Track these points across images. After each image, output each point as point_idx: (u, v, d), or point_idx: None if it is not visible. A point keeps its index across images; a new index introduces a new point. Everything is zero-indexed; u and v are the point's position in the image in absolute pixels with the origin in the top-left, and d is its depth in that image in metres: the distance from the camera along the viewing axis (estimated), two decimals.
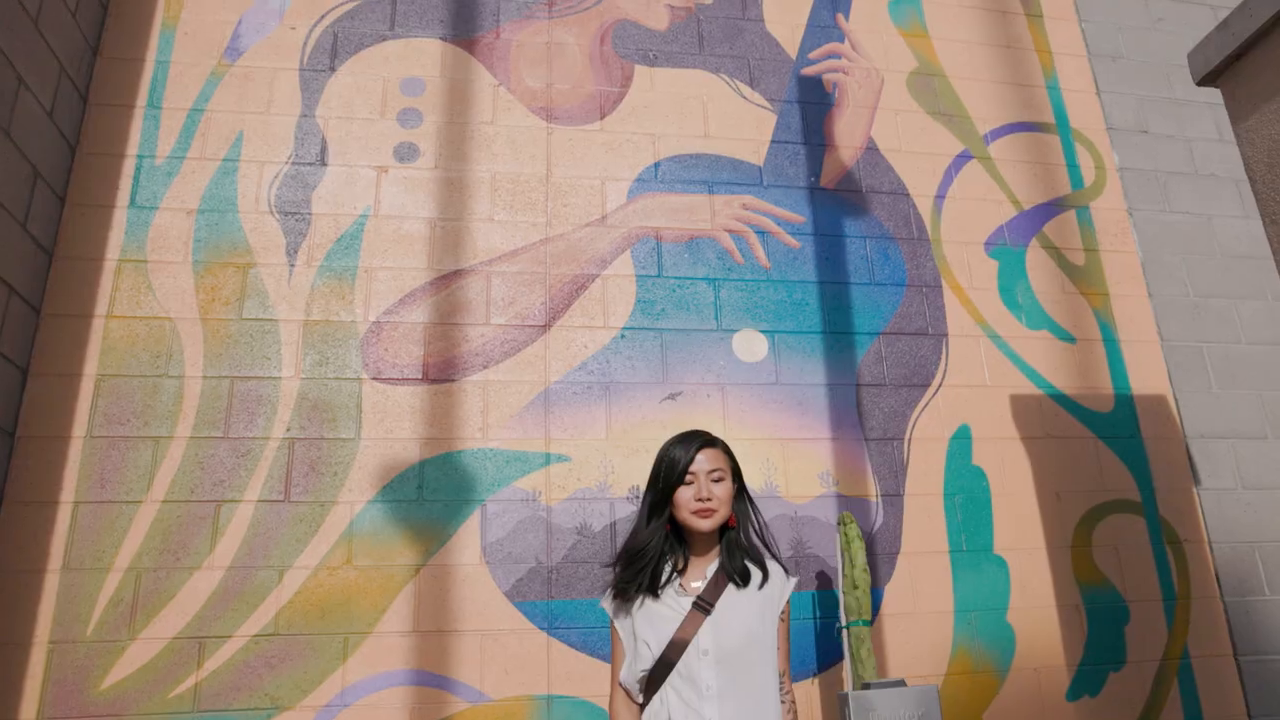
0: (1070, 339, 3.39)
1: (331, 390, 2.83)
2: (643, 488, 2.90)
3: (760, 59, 3.56)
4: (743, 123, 3.44)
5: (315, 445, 2.77)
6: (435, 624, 2.66)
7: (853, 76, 3.61)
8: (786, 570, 2.20)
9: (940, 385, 3.21)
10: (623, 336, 3.05)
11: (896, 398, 3.17)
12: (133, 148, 2.98)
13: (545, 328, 3.02)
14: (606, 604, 2.16)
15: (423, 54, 3.29)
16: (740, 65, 3.53)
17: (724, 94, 3.46)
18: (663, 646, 2.00)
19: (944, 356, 3.25)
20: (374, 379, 2.87)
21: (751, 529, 2.18)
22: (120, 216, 2.89)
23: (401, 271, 3.00)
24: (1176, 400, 3.38)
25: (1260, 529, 3.24)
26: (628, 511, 2.86)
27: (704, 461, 2.11)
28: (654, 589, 2.06)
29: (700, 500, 2.07)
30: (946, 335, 3.29)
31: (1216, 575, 3.17)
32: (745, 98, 3.48)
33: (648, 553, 2.09)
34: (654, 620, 2.04)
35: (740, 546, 2.14)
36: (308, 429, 2.78)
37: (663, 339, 3.07)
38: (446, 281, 3.01)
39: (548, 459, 2.88)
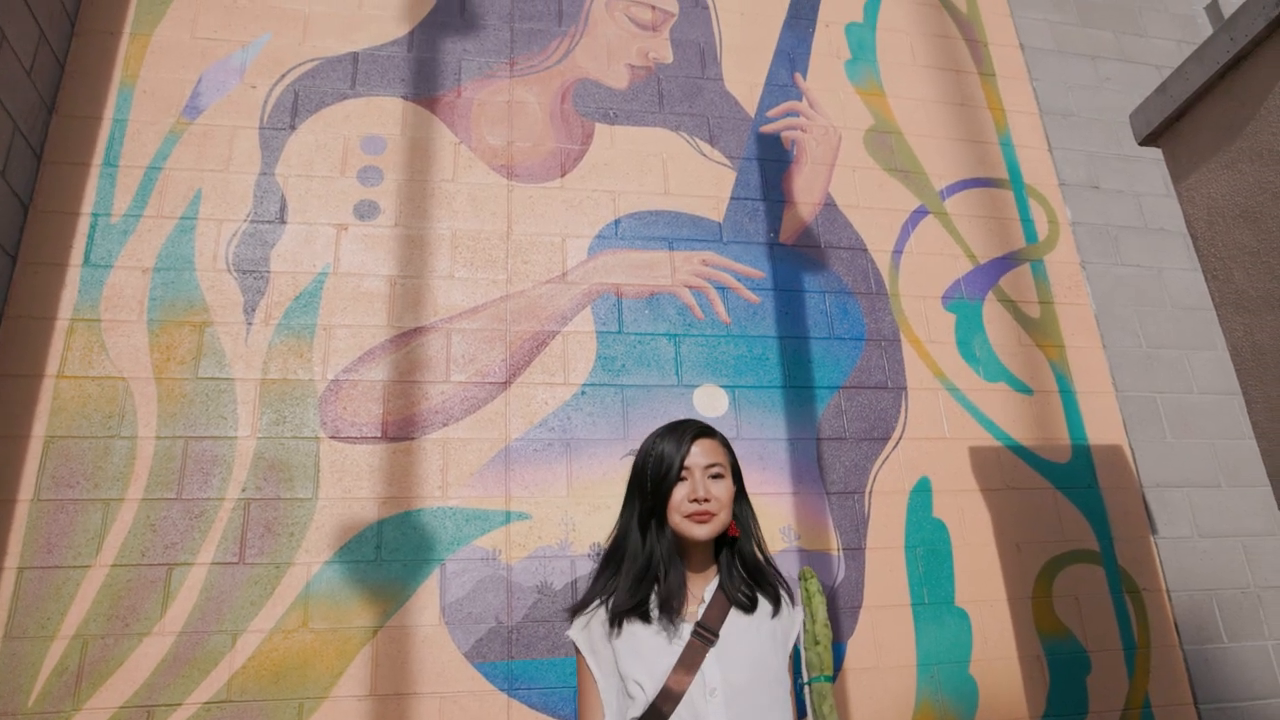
0: (1027, 391, 3.43)
1: (289, 450, 2.80)
2: (605, 545, 2.91)
3: (719, 117, 3.62)
4: (702, 180, 3.48)
5: (271, 506, 2.73)
6: (393, 687, 2.61)
7: (811, 134, 3.68)
8: (791, 596, 1.83)
9: (900, 438, 3.24)
10: (583, 393, 3.05)
11: (857, 451, 3.18)
12: (88, 206, 2.95)
13: (506, 385, 3.01)
14: (576, 633, 1.72)
15: (384, 112, 3.31)
16: (700, 123, 3.58)
17: (684, 151, 3.51)
18: (659, 686, 1.59)
19: (903, 410, 3.28)
20: (332, 438, 2.84)
21: (754, 542, 1.80)
22: (74, 275, 2.86)
23: (361, 329, 2.99)
24: (1132, 450, 3.42)
25: (1217, 577, 3.28)
26: (589, 569, 2.83)
27: (700, 455, 1.72)
28: (644, 612, 1.65)
29: (696, 501, 1.68)
30: (906, 389, 3.32)
31: (1175, 624, 3.20)
32: (705, 155, 3.53)
33: (654, 566, 1.68)
34: (644, 653, 1.62)
35: (744, 562, 1.76)
36: (264, 489, 2.74)
37: (623, 395, 3.08)
38: (406, 339, 3.01)
39: (508, 517, 2.86)
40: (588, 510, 2.91)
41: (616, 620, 1.64)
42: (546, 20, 3.63)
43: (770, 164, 3.58)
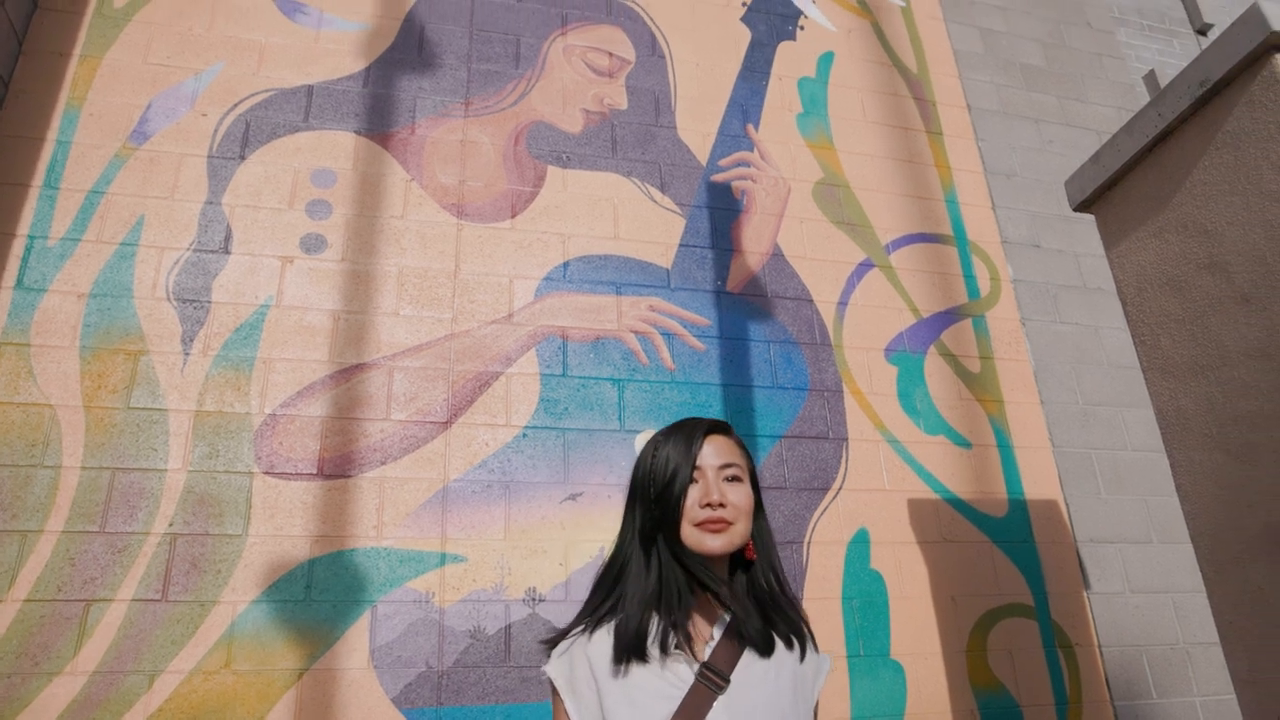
0: (966, 445, 3.48)
1: (220, 484, 2.74)
2: (541, 590, 2.89)
3: (671, 164, 3.66)
4: (652, 226, 3.51)
5: (199, 541, 2.66)
6: None
7: (760, 184, 3.73)
8: (814, 641, 1.48)
9: (840, 489, 3.25)
10: (525, 435, 3.03)
11: (797, 501, 3.19)
12: (24, 227, 2.89)
13: (446, 425, 2.98)
14: (554, 669, 1.40)
15: (336, 146, 3.29)
16: (651, 170, 3.62)
17: (635, 197, 3.54)
18: None
19: (844, 460, 3.31)
20: (266, 473, 2.78)
21: (771, 568, 1.47)
22: (4, 298, 2.79)
23: (301, 363, 2.94)
24: (1067, 505, 3.48)
25: (1147, 632, 3.32)
26: (524, 614, 2.80)
27: (712, 454, 1.42)
28: (640, 650, 1.34)
29: (709, 506, 1.37)
30: (847, 439, 3.35)
31: (1106, 679, 3.23)
32: (655, 201, 3.56)
33: (679, 588, 1.38)
34: (637, 699, 1.31)
35: (762, 591, 1.44)
36: (192, 524, 2.68)
37: (565, 439, 3.06)
38: (347, 375, 2.97)
39: (443, 559, 2.81)
40: (524, 554, 2.88)
41: (625, 657, 1.33)
42: (504, 62, 3.66)
43: (720, 213, 3.62)
